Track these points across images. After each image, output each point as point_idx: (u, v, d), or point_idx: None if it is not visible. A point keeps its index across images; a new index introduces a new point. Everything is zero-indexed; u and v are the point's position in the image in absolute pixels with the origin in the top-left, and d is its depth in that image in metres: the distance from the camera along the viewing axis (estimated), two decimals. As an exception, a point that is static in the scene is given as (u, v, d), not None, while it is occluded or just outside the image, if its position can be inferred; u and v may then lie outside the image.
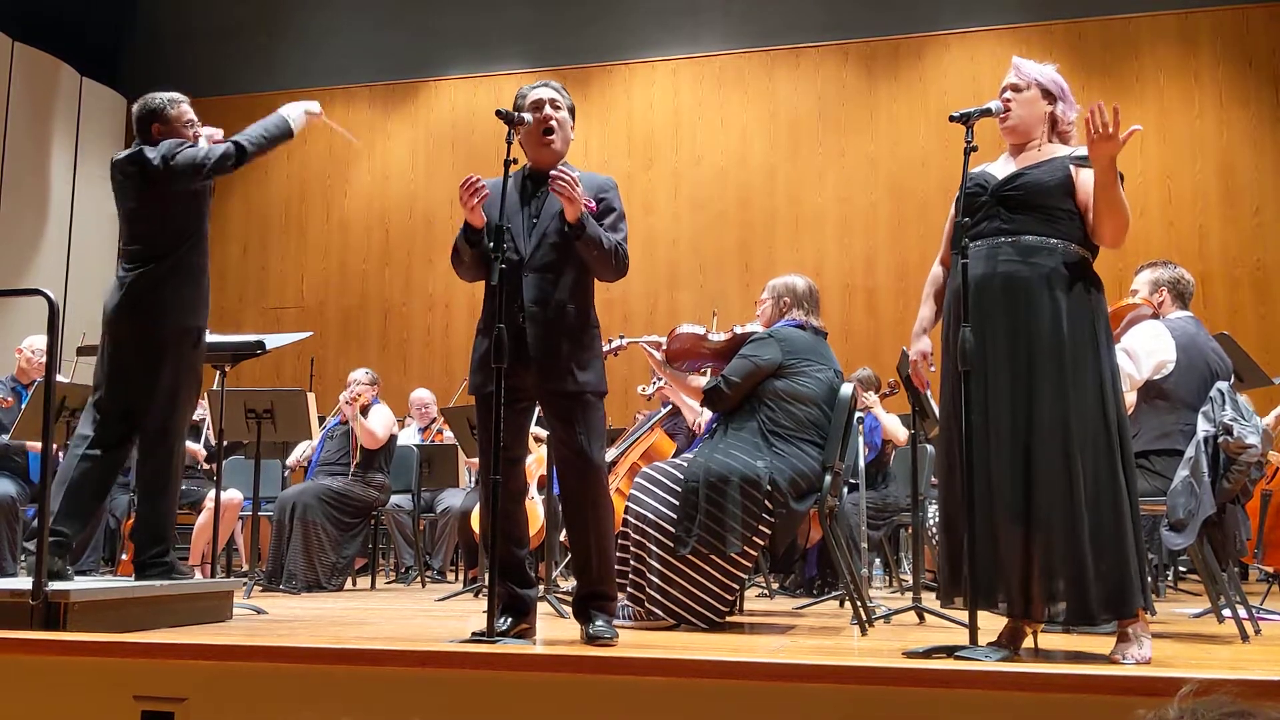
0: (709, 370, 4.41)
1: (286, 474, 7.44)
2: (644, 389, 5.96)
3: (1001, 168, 3.09)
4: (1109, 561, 2.77)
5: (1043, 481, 2.81)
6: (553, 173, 3.26)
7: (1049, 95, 3.07)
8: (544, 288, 3.29)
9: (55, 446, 4.36)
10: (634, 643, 3.34)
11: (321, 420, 6.57)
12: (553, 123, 3.40)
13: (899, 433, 6.21)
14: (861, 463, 5.47)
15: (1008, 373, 2.89)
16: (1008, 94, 3.09)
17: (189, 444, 6.37)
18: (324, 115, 4.26)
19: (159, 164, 3.88)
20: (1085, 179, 2.96)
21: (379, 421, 6.31)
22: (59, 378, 3.84)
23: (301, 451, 7.02)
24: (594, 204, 3.35)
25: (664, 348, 4.47)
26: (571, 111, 3.51)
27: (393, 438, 6.55)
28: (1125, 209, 2.91)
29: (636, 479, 4.02)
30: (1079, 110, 3.11)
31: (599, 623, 3.25)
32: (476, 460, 6.41)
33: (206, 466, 6.45)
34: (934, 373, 3.21)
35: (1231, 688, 1.02)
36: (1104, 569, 2.76)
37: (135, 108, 4.10)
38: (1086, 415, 2.83)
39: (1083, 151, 3.00)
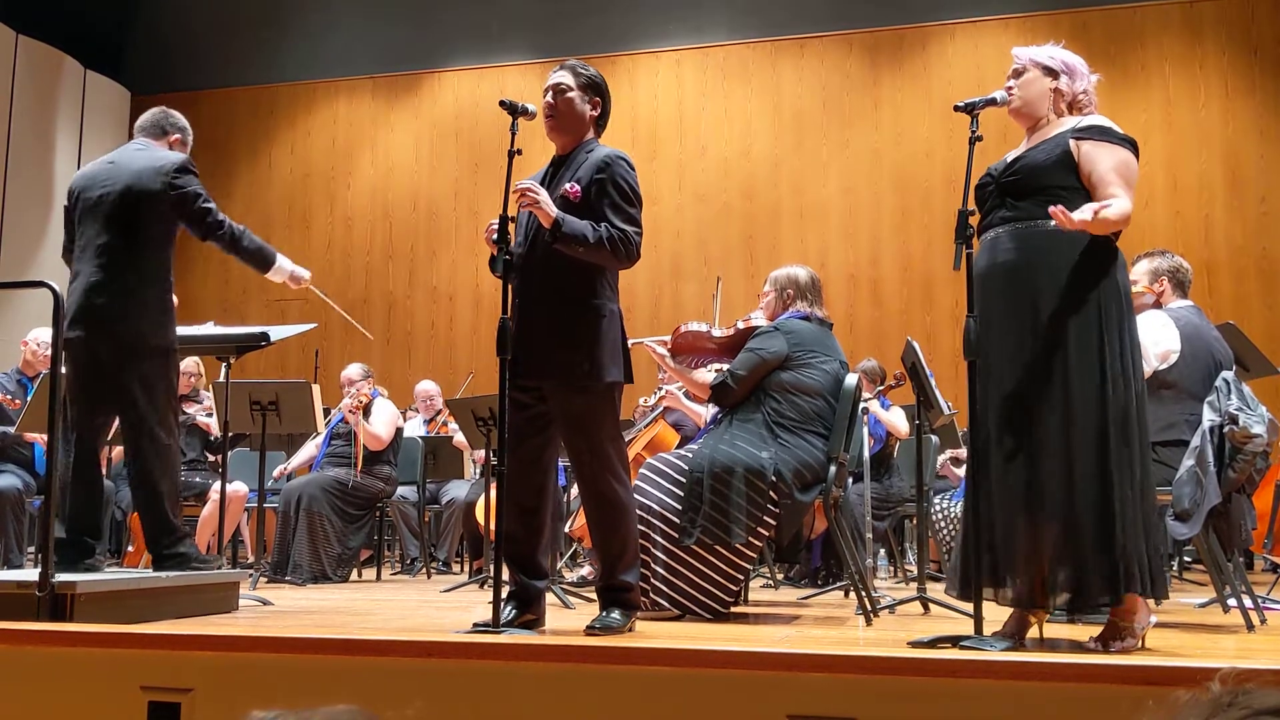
0: (714, 367, 4.41)
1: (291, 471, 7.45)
2: (646, 400, 5.97)
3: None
4: (1112, 547, 2.75)
5: (1046, 470, 2.80)
6: (518, 185, 3.22)
7: (1049, 71, 3.03)
8: (540, 278, 3.26)
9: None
10: (639, 633, 3.34)
11: (326, 412, 6.58)
12: (553, 109, 3.37)
13: (900, 427, 6.20)
14: (866, 453, 5.47)
15: (1011, 362, 2.88)
16: (1009, 81, 3.09)
17: (201, 418, 6.37)
18: (310, 285, 4.41)
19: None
20: (1088, 152, 2.90)
21: (381, 422, 6.29)
22: (64, 370, 3.84)
23: (299, 459, 6.96)
24: (577, 189, 3.27)
25: (668, 344, 4.46)
26: (590, 88, 3.41)
27: (399, 431, 6.55)
28: (1113, 224, 2.81)
29: (641, 470, 4.02)
30: (1094, 78, 3.08)
31: (605, 613, 3.25)
32: (480, 452, 6.44)
33: (212, 458, 6.47)
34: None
35: (1265, 676, 1.00)
36: (1107, 555, 2.75)
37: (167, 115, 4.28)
38: (1090, 402, 2.81)
39: (1087, 122, 2.96)
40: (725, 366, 4.22)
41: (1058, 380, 2.83)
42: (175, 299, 4.11)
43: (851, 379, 4.05)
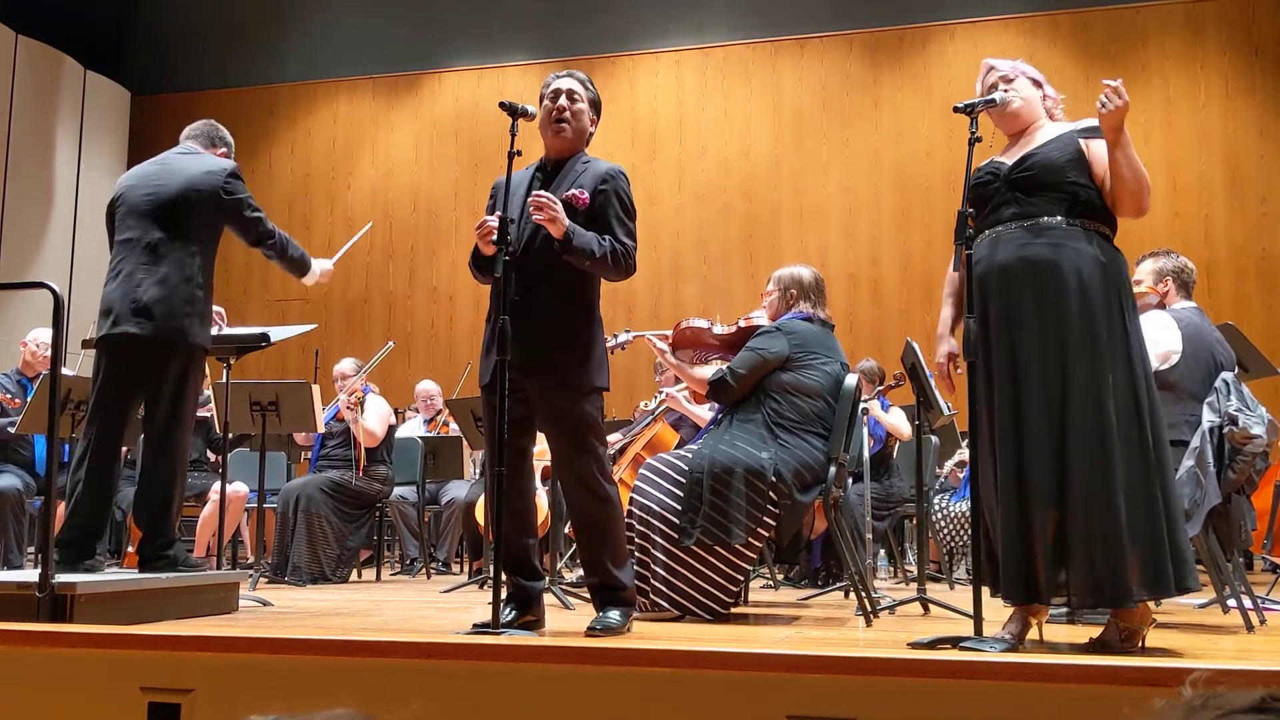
0: (715, 362, 4.41)
1: (292, 465, 7.46)
2: (646, 404, 5.97)
3: (1008, 157, 3.08)
4: (1149, 540, 2.74)
5: (1081, 464, 2.78)
6: (531, 197, 3.21)
7: (1035, 82, 3.14)
8: (533, 279, 3.26)
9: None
10: (638, 634, 3.34)
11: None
12: (567, 114, 3.38)
13: (902, 428, 6.20)
14: (866, 454, 5.47)
15: (1039, 357, 2.86)
16: (1002, 86, 3.10)
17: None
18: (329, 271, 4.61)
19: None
20: (1098, 151, 2.95)
21: (375, 418, 6.30)
22: (64, 370, 3.85)
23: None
24: (585, 196, 3.30)
25: (669, 339, 4.47)
26: (594, 105, 3.47)
27: (391, 428, 6.55)
28: (1141, 171, 2.89)
29: (641, 470, 4.02)
30: (1062, 96, 3.19)
31: (603, 614, 3.25)
32: (481, 452, 6.45)
33: (213, 459, 6.47)
34: (960, 374, 3.15)
35: (1237, 678, 1.01)
36: (1144, 548, 2.73)
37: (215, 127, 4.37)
38: (1121, 394, 2.80)
39: (1086, 124, 3.01)
40: (726, 364, 4.22)
41: (1090, 374, 2.82)
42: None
43: (851, 379, 4.05)
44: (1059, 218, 2.91)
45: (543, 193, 3.21)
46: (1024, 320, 2.89)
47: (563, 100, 3.39)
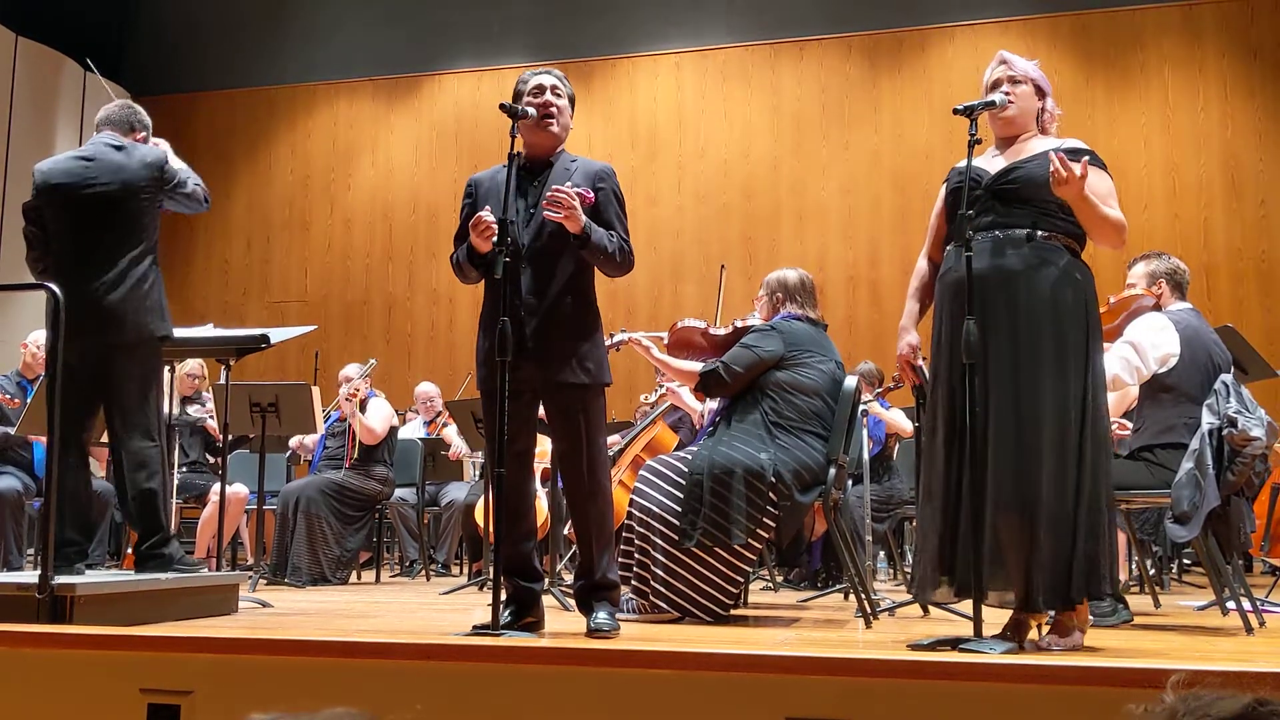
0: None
1: (291, 467, 7.47)
2: (647, 397, 5.97)
3: (990, 162, 3.10)
4: (1095, 546, 2.84)
5: (1050, 472, 2.82)
6: (549, 194, 3.22)
7: (1040, 91, 3.15)
8: (542, 278, 3.28)
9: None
10: (638, 635, 3.35)
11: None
12: (553, 109, 3.39)
13: (904, 424, 6.20)
14: (866, 455, 5.47)
15: (1010, 364, 2.90)
16: (1005, 86, 3.11)
17: (210, 422, 6.40)
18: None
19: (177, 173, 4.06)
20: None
21: (377, 417, 6.31)
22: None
23: (302, 436, 7.03)
24: (591, 194, 3.33)
25: (665, 341, 4.48)
26: (571, 101, 3.49)
27: (393, 429, 6.56)
28: (1109, 220, 2.96)
29: (640, 472, 4.03)
30: (1059, 112, 3.22)
31: (601, 615, 3.25)
32: (479, 453, 6.45)
33: (212, 460, 6.47)
34: (921, 366, 3.24)
35: (1214, 679, 1.01)
36: (1088, 554, 2.83)
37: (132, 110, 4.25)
38: (1082, 405, 2.87)
39: (1069, 144, 3.06)
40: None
41: (1058, 384, 2.87)
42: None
43: (850, 381, 4.06)
44: (1035, 231, 2.96)
45: (562, 188, 3.22)
46: (998, 329, 2.92)
47: (548, 96, 3.40)
